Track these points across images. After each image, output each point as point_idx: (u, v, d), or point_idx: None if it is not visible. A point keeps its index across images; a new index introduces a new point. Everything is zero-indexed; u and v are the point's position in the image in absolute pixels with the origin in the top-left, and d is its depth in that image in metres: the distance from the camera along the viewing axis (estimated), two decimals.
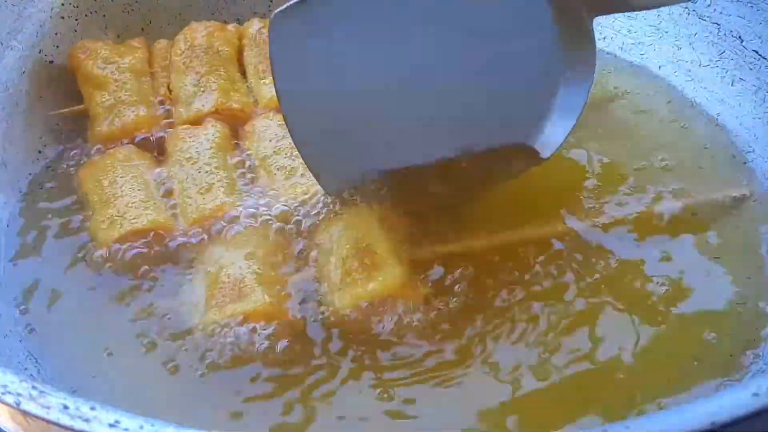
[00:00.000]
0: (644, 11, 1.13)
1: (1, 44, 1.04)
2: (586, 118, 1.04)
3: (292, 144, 0.91)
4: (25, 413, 0.62)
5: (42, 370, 0.84)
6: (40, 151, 1.04)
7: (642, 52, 1.13)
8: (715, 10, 1.09)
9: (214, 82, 1.03)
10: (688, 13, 1.11)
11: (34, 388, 0.63)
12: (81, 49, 1.06)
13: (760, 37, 1.05)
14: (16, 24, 1.06)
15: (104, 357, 0.85)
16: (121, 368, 0.84)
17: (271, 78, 0.88)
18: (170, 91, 1.05)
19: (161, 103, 1.05)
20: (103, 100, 1.02)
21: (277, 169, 0.95)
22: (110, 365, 0.84)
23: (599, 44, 1.13)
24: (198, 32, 1.08)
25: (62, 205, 0.98)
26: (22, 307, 0.89)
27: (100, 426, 0.60)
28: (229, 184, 0.95)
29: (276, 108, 0.99)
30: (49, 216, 0.97)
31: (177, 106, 1.03)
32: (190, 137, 0.99)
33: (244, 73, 1.08)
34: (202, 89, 1.03)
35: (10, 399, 0.63)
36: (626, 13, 1.15)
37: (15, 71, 1.05)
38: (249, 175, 0.97)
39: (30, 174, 1.02)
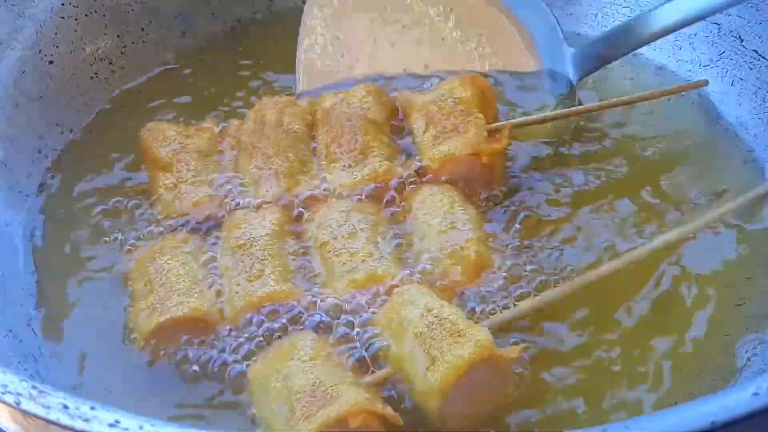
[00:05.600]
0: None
1: (1, 44, 1.04)
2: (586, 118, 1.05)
3: (352, 231, 0.88)
4: (25, 413, 0.63)
5: (42, 370, 0.84)
6: (40, 151, 1.04)
7: (642, 52, 1.13)
8: None
9: (281, 164, 0.96)
10: None
11: (34, 388, 0.63)
12: (150, 131, 1.01)
13: (760, 37, 1.05)
14: (16, 24, 1.06)
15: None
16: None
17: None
18: (236, 172, 0.98)
19: (222, 184, 0.97)
20: (166, 181, 0.97)
21: (335, 255, 0.88)
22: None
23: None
24: (268, 109, 1.01)
25: (62, 206, 0.99)
26: (23, 306, 0.89)
27: (100, 426, 0.60)
28: (282, 272, 0.87)
29: (342, 193, 0.94)
30: (49, 216, 0.97)
31: (241, 190, 0.96)
32: (245, 223, 0.91)
33: (315, 151, 0.99)
34: (267, 173, 0.95)
35: (10, 399, 0.63)
36: (626, 14, 1.15)
37: (15, 71, 1.05)
38: (304, 264, 0.90)
39: (30, 174, 1.02)
